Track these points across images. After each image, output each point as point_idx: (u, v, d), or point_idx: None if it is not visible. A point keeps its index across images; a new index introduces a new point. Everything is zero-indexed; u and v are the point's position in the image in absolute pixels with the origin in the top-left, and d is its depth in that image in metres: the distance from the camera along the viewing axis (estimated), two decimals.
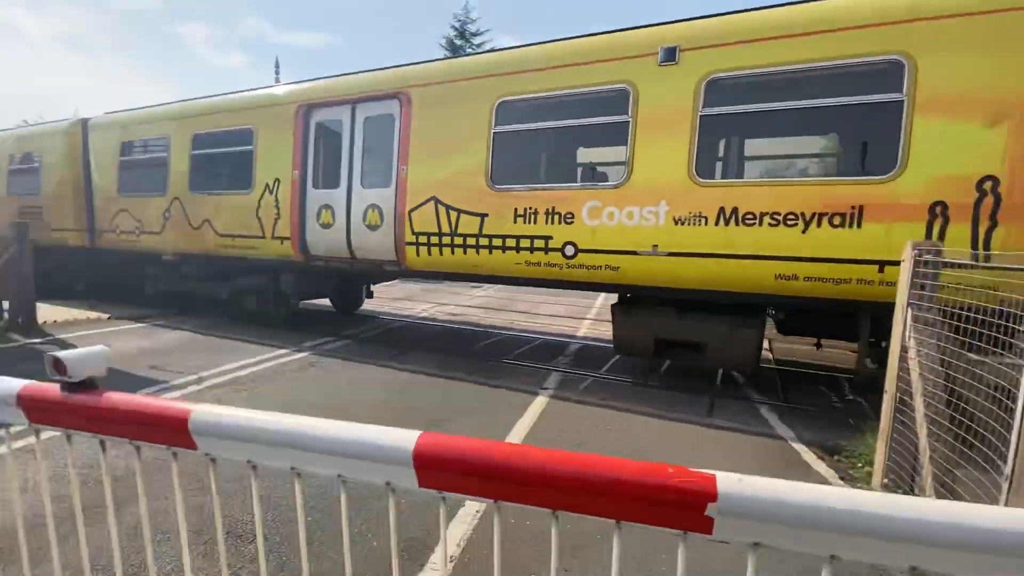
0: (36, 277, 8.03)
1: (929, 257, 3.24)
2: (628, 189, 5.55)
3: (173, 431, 1.44)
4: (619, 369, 6.72)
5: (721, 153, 6.21)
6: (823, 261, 4.79)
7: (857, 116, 5.07)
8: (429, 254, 6.74)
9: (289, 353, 7.03)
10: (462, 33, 35.10)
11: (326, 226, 7.61)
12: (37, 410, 1.60)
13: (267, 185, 8.04)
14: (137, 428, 1.50)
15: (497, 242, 6.24)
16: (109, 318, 9.11)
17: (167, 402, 1.49)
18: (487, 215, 6.27)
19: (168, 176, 9.29)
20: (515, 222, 6.11)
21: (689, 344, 5.70)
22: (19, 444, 3.48)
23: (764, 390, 5.91)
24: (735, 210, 5.09)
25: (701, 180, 5.22)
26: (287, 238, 7.92)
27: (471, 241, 6.40)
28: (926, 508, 0.98)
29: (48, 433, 2.00)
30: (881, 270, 4.58)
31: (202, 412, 1.43)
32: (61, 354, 1.51)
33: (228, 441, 1.42)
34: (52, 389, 1.58)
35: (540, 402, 5.24)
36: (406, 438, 1.28)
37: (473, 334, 8.94)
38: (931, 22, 4.40)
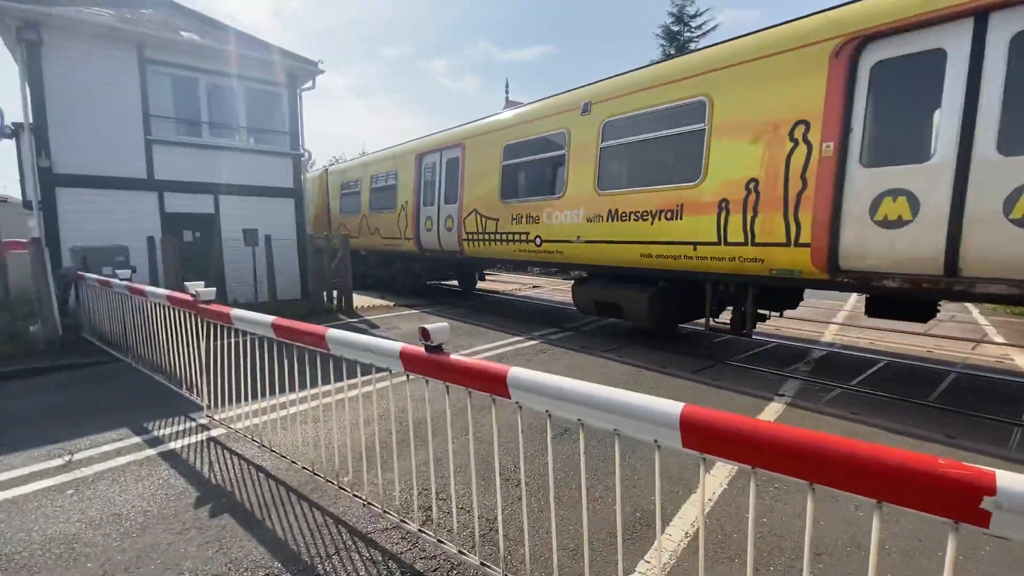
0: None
1: None
2: (565, 199, 8.17)
3: (496, 383, 2.03)
4: (878, 384, 5.83)
5: (611, 171, 7.72)
6: (664, 243, 6.79)
7: (680, 141, 6.68)
8: (474, 246, 10.22)
9: (523, 340, 8.04)
10: (680, 18, 33.60)
11: (428, 230, 11.61)
12: (409, 362, 2.40)
13: (402, 205, 12.54)
14: (471, 379, 2.15)
15: (504, 236, 9.44)
16: (394, 305, 11.72)
17: (492, 364, 2.10)
18: (499, 219, 9.53)
19: (360, 202, 14.75)
20: (512, 223, 9.24)
21: (612, 305, 7.90)
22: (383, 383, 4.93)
23: None
24: (616, 210, 7.39)
25: (600, 191, 7.64)
26: (411, 238, 12.24)
27: (492, 236, 9.72)
28: None
29: (408, 377, 2.87)
30: (695, 248, 6.46)
31: (516, 371, 1.98)
32: (428, 326, 2.26)
33: (533, 395, 1.94)
34: (419, 349, 2.36)
35: (773, 409, 4.96)
36: (673, 406, 1.59)
37: (693, 334, 8.75)
38: (720, 71, 6.16)
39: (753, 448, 1.40)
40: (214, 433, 4.29)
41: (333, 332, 2.91)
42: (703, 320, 7.05)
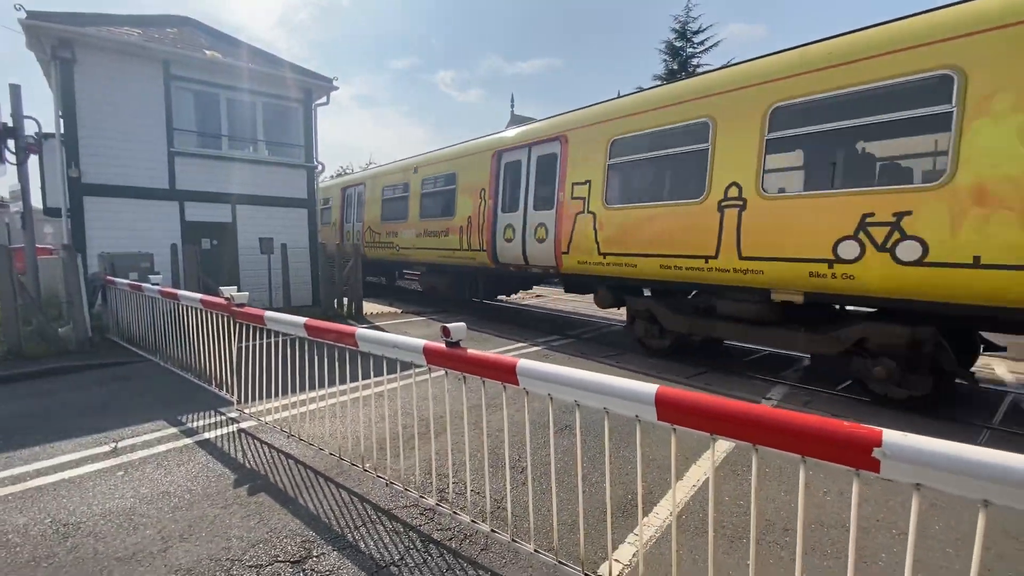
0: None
1: None
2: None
3: (506, 372, 2.43)
4: (859, 390, 6.19)
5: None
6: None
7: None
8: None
9: (527, 346, 8.41)
10: (683, 34, 34.25)
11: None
12: (432, 355, 2.79)
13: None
14: (485, 370, 2.54)
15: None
16: (401, 312, 12.13)
17: (503, 356, 2.49)
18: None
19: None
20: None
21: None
22: (406, 381, 5.32)
23: None
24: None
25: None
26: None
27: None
28: None
29: (431, 372, 3.26)
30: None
31: (524, 363, 2.38)
32: (449, 325, 2.65)
33: (537, 381, 2.34)
34: (440, 346, 2.75)
35: None
36: (650, 387, 1.98)
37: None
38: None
39: (710, 418, 1.79)
40: (244, 425, 4.69)
41: (363, 331, 3.31)
42: None
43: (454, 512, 3.08)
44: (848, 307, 6.06)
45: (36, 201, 10.51)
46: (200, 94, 11.19)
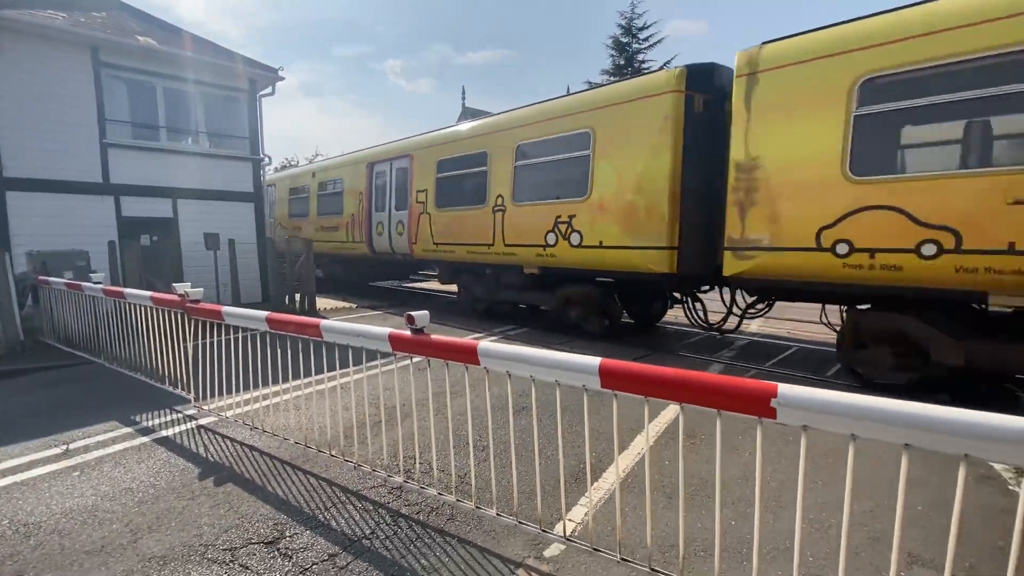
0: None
1: None
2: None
3: (468, 353, 2.66)
4: (788, 365, 6.82)
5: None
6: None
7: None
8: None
9: (484, 336, 8.65)
10: (628, 30, 35.20)
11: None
12: (397, 342, 2.99)
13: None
14: (449, 353, 2.77)
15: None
16: (356, 307, 12.07)
17: (466, 340, 2.72)
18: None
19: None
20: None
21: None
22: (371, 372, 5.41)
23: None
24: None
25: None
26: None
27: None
28: (910, 406, 1.66)
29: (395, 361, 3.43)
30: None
31: (484, 344, 2.62)
32: (413, 313, 2.85)
33: (497, 360, 2.59)
34: (405, 333, 2.95)
35: None
36: (593, 360, 2.27)
37: (635, 327, 9.64)
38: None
39: (643, 383, 2.10)
40: (203, 421, 4.69)
41: (328, 322, 3.44)
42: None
43: (421, 487, 3.30)
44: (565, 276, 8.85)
45: None
46: (134, 83, 10.65)
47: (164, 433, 4.47)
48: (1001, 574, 1.73)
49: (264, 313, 3.92)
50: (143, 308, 5.43)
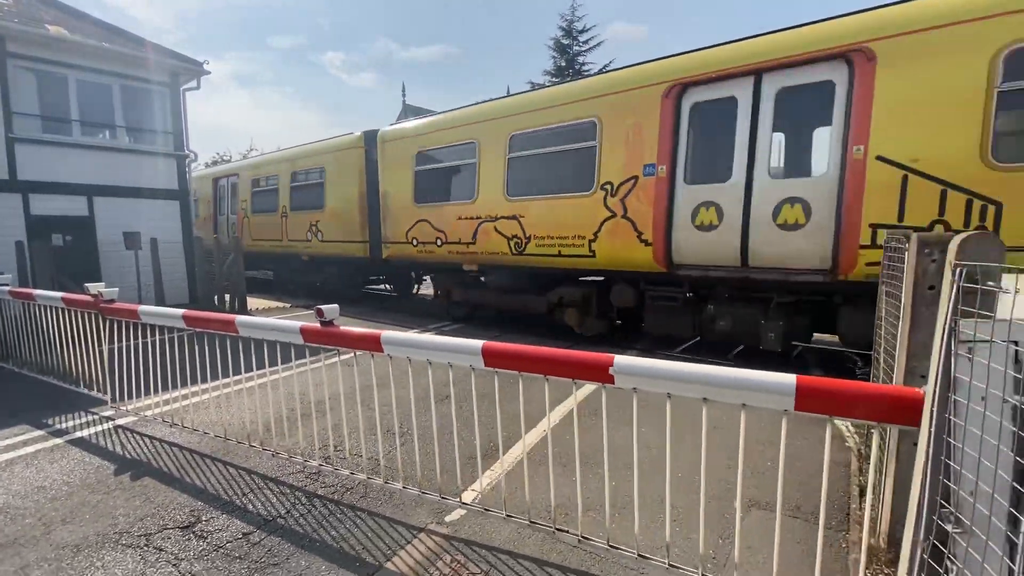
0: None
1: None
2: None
3: (373, 342, 2.94)
4: (688, 350, 7.48)
5: None
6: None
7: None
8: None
9: (419, 332, 8.87)
10: (569, 32, 36.13)
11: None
12: (308, 334, 3.22)
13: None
14: (356, 342, 3.03)
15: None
16: (291, 306, 11.93)
17: (370, 330, 3.00)
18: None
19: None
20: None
21: None
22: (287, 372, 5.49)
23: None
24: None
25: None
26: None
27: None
28: (703, 368, 2.10)
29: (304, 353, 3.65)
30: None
31: (388, 334, 2.90)
32: (322, 307, 3.09)
33: (399, 347, 2.88)
34: (316, 325, 3.18)
35: None
36: (476, 344, 2.61)
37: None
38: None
39: (516, 359, 2.46)
40: (121, 422, 4.68)
41: (242, 317, 3.61)
42: None
43: (336, 470, 3.54)
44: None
45: None
46: (44, 74, 10.06)
47: (79, 434, 4.44)
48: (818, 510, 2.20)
49: (180, 311, 4.01)
50: (54, 310, 5.30)
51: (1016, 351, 1.19)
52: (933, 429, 1.38)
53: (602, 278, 7.95)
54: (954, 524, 1.30)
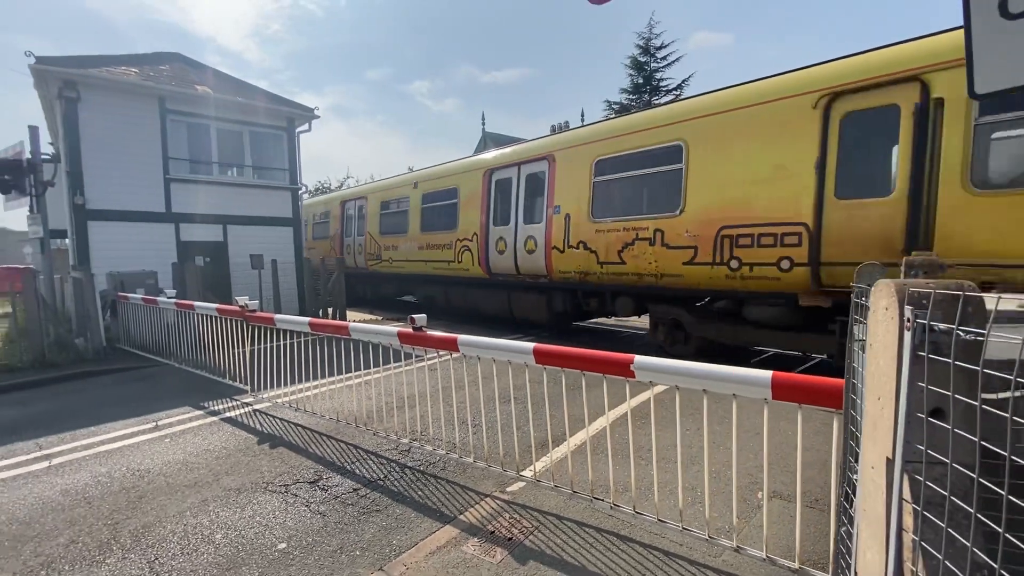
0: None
1: None
2: None
3: (451, 344, 3.75)
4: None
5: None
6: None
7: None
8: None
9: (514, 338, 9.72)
10: (646, 49, 36.33)
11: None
12: (403, 337, 4.10)
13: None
14: (439, 344, 3.87)
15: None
16: (382, 319, 13.33)
17: (452, 334, 3.82)
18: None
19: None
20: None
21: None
22: (387, 372, 6.55)
23: None
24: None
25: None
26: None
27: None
28: (702, 366, 2.70)
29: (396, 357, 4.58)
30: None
31: (463, 337, 3.71)
32: (415, 316, 3.97)
33: (474, 348, 3.66)
34: (409, 330, 4.07)
35: None
36: (528, 345, 3.33)
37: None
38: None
39: (559, 358, 3.15)
40: (258, 406, 5.90)
41: (353, 323, 4.60)
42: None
43: (422, 446, 4.39)
44: None
45: (18, 224, 11.39)
46: (192, 125, 12.31)
47: (228, 414, 5.69)
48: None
49: (307, 318, 5.10)
50: (208, 317, 6.73)
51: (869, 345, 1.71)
52: (845, 406, 1.90)
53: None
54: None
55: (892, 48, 5.62)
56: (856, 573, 1.32)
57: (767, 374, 2.41)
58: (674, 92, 36.29)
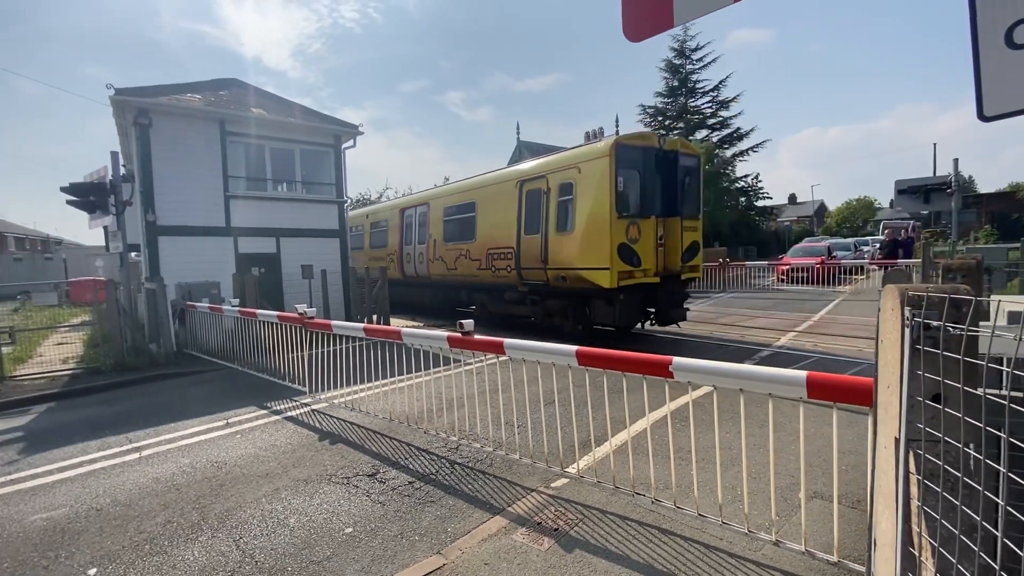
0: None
1: None
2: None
3: (497, 347, 4.02)
4: None
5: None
6: None
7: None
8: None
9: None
10: (681, 51, 35.99)
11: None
12: (452, 341, 4.40)
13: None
14: (485, 347, 4.14)
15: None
16: (424, 325, 13.80)
17: (495, 338, 4.08)
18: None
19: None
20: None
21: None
22: (436, 375, 6.90)
23: None
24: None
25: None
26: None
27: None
28: (739, 367, 2.87)
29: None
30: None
31: (508, 341, 3.96)
32: (463, 321, 4.26)
33: (519, 351, 3.92)
34: (458, 334, 4.36)
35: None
36: (571, 348, 3.55)
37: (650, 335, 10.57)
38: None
39: (599, 360, 3.36)
40: (316, 407, 6.33)
41: (405, 329, 4.94)
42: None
43: (471, 443, 4.66)
44: None
45: (89, 239, 12.40)
46: (249, 145, 13.16)
47: (289, 414, 6.14)
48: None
49: (362, 324, 5.48)
50: (269, 324, 7.26)
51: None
52: (877, 402, 2.03)
53: None
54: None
55: (544, 160, 10.84)
56: (875, 541, 1.47)
57: (801, 374, 2.55)
58: (711, 94, 35.83)
